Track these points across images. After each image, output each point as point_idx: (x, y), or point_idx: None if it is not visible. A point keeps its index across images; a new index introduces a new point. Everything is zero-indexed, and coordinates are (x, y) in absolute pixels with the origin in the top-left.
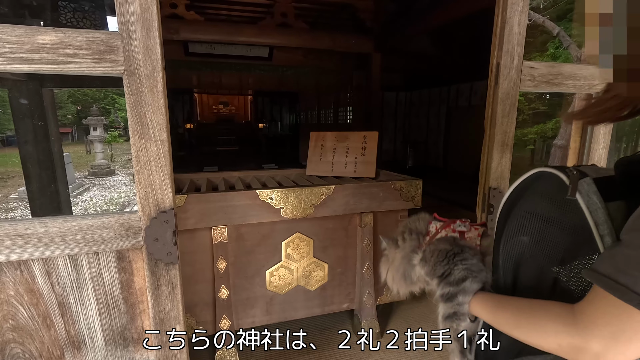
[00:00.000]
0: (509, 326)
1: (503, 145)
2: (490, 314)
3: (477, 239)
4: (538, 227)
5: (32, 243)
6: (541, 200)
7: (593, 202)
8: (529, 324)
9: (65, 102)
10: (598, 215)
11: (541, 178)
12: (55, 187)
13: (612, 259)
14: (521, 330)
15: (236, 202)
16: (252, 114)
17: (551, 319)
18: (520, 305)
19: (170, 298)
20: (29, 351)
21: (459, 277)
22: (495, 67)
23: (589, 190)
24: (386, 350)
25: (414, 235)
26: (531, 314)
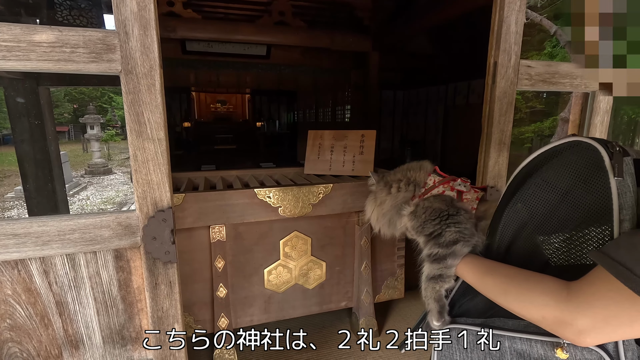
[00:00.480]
0: (494, 292)
1: (500, 143)
2: (477, 278)
3: (474, 202)
4: (552, 200)
5: (30, 242)
6: (567, 172)
7: (625, 184)
8: (517, 292)
9: (61, 100)
10: (626, 198)
11: (576, 148)
12: (52, 186)
13: (632, 247)
14: (507, 297)
15: (234, 201)
16: (250, 112)
17: (542, 291)
18: (512, 274)
19: (168, 297)
20: (27, 350)
21: (450, 240)
22: (493, 66)
23: (626, 170)
24: (385, 349)
25: (410, 187)
26: (522, 283)
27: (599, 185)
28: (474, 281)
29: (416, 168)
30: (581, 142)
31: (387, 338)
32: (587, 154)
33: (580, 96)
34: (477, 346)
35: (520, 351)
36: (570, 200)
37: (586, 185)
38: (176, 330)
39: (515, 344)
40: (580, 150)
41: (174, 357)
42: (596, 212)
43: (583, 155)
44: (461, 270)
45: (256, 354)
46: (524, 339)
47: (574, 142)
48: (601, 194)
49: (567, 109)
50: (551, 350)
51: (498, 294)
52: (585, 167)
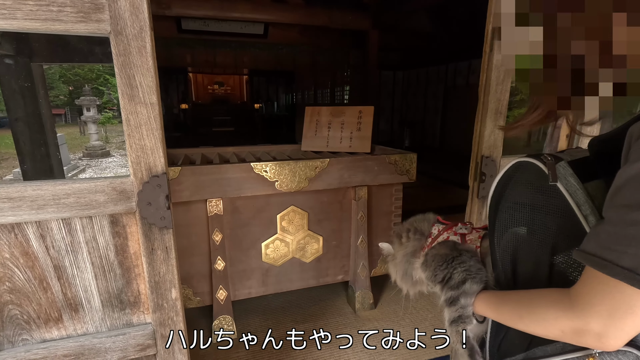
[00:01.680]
0: (513, 320)
1: (497, 113)
2: (495, 311)
3: (477, 240)
4: (527, 215)
5: (25, 206)
6: (525, 189)
7: (571, 185)
8: (529, 314)
9: (56, 81)
10: (578, 196)
11: (521, 168)
12: (50, 168)
13: (596, 237)
14: (524, 321)
15: (231, 175)
16: (247, 94)
17: (549, 305)
18: (519, 298)
19: (165, 262)
20: (27, 313)
21: (459, 280)
22: (491, 33)
23: (565, 173)
24: (380, 320)
25: (417, 235)
26: (530, 303)
27: (554, 191)
28: (494, 315)
29: (421, 219)
30: (522, 162)
31: (382, 311)
32: (531, 169)
33: None
34: None
35: None
36: (541, 210)
37: (545, 194)
38: (173, 295)
39: None
40: (525, 169)
41: (171, 321)
42: (565, 213)
43: (529, 172)
44: (480, 309)
45: (254, 324)
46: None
47: (517, 164)
48: (559, 198)
49: None
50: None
51: (516, 321)
52: (536, 181)
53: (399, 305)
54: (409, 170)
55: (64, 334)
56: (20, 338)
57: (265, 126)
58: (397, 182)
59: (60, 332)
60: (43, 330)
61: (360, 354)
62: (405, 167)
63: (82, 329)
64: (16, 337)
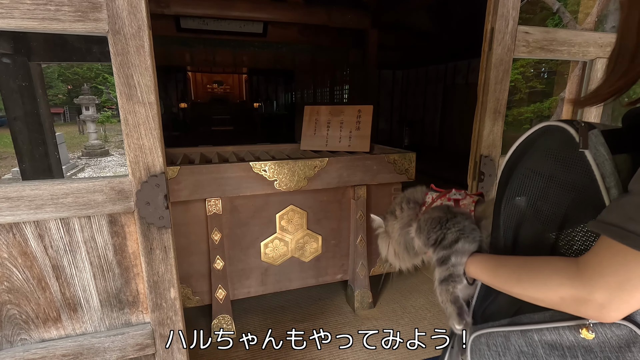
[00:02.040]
0: (509, 283)
1: (495, 112)
2: (490, 274)
3: (471, 205)
4: (540, 185)
5: (23, 206)
6: (545, 157)
7: (600, 154)
8: (530, 278)
9: (55, 80)
10: (605, 167)
11: (547, 133)
12: (49, 167)
13: (620, 208)
14: (522, 285)
15: (230, 174)
16: (247, 93)
17: (554, 272)
18: (521, 262)
19: (163, 262)
20: (26, 312)
21: (452, 239)
22: (490, 32)
23: (596, 142)
24: (379, 318)
25: (411, 205)
26: (533, 268)
27: (578, 162)
28: (488, 278)
29: (412, 190)
30: (550, 126)
31: (381, 310)
32: (558, 135)
33: (577, 75)
34: (508, 348)
35: (550, 342)
36: (557, 182)
37: (566, 164)
38: (172, 294)
39: (545, 336)
40: (551, 134)
41: (170, 320)
42: (583, 187)
43: (555, 138)
44: (472, 270)
45: (253, 324)
46: (552, 329)
47: (544, 128)
48: (582, 169)
49: (567, 89)
50: (578, 332)
51: (513, 284)
52: (561, 148)
53: (398, 305)
54: (408, 169)
55: (63, 334)
56: (18, 338)
57: (265, 125)
58: (396, 181)
59: (59, 332)
60: (42, 330)
61: (359, 353)
62: (404, 166)
63: (81, 329)
64: (15, 336)
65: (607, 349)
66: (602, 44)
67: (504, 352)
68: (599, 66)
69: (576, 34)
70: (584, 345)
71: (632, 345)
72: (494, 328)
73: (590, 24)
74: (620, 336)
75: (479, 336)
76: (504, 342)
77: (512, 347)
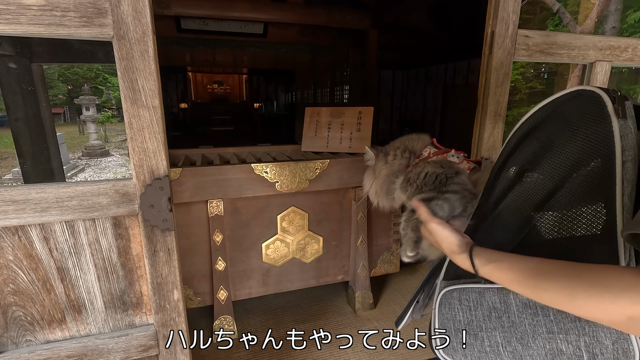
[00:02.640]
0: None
1: (496, 115)
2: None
3: (466, 172)
4: (553, 161)
5: (29, 209)
6: (563, 128)
7: (627, 127)
8: (589, 295)
9: (55, 81)
10: (628, 140)
11: (579, 97)
12: (50, 167)
13: None
14: (578, 303)
15: (231, 176)
16: (247, 93)
17: (623, 288)
18: (572, 272)
19: (167, 264)
20: (31, 314)
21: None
22: (490, 36)
23: (628, 113)
24: (380, 319)
25: (406, 154)
26: (592, 283)
27: (601, 131)
28: (524, 289)
29: (415, 138)
30: (584, 91)
31: (382, 310)
32: (589, 103)
33: (577, 75)
34: (481, 303)
35: (525, 300)
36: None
37: (587, 131)
38: (175, 296)
39: (520, 295)
40: (584, 100)
41: (173, 322)
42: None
43: (585, 106)
44: (496, 276)
45: (255, 324)
46: None
47: (577, 92)
48: (603, 138)
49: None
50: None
51: (564, 302)
52: (588, 116)
53: (399, 305)
54: None
55: (67, 335)
56: (24, 339)
57: (265, 125)
58: None
59: (64, 333)
60: (47, 332)
61: (360, 353)
62: None
63: (85, 330)
64: (20, 338)
65: None
66: (601, 47)
67: (476, 307)
68: (599, 69)
69: (576, 38)
70: None
71: None
72: (468, 284)
73: (590, 24)
74: None
75: (451, 291)
76: (477, 298)
77: (485, 303)
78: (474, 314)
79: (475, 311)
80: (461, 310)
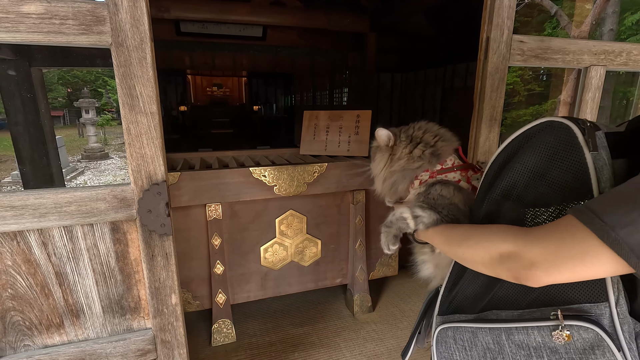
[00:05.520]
0: (457, 240)
1: (491, 119)
2: (444, 232)
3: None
4: (531, 184)
5: (27, 214)
6: (542, 153)
7: (601, 158)
8: (480, 235)
9: (55, 84)
10: (603, 172)
11: (548, 128)
12: (49, 170)
13: (601, 195)
14: (469, 241)
15: (229, 180)
16: (246, 96)
17: (503, 231)
18: (479, 225)
19: (165, 268)
20: (29, 319)
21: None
22: (485, 41)
23: (599, 144)
24: (378, 322)
25: (434, 159)
26: (487, 228)
27: (575, 162)
28: (439, 236)
29: (448, 138)
30: (553, 122)
31: (380, 314)
32: (560, 133)
33: (573, 78)
34: (475, 344)
35: (518, 342)
36: (549, 180)
37: (563, 163)
38: (173, 300)
39: (513, 336)
40: (553, 130)
41: (171, 326)
42: (575, 189)
43: (557, 135)
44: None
45: (253, 328)
46: (520, 328)
47: (547, 123)
48: (578, 171)
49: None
50: (548, 336)
51: (461, 241)
52: (560, 146)
53: (397, 308)
54: None
55: (66, 340)
56: (22, 344)
57: (264, 128)
58: None
59: (62, 338)
60: (45, 336)
61: (358, 357)
62: None
63: (83, 335)
64: (18, 343)
65: (572, 351)
66: (596, 52)
67: (471, 347)
68: (593, 73)
69: (570, 42)
70: (550, 346)
71: (595, 349)
72: (462, 323)
73: (587, 27)
74: (586, 339)
75: (446, 329)
76: (471, 338)
77: (479, 343)
78: (470, 354)
79: (471, 351)
80: (457, 350)
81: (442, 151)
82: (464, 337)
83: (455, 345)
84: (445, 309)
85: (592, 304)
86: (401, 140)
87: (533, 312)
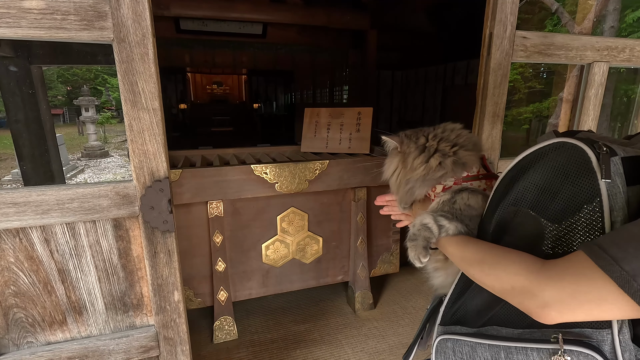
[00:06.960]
0: (472, 260)
1: (494, 116)
2: (460, 246)
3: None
4: (541, 200)
5: (30, 211)
6: (554, 174)
7: (615, 186)
8: (494, 261)
9: (54, 82)
10: (617, 200)
11: (561, 149)
12: (50, 168)
13: (613, 232)
14: (483, 266)
15: (231, 177)
16: (246, 93)
17: (518, 262)
18: (494, 246)
19: (167, 265)
20: (32, 316)
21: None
22: (488, 37)
23: (615, 170)
24: (380, 319)
25: (458, 168)
26: (500, 255)
27: (588, 188)
28: (455, 250)
29: (469, 153)
30: (566, 143)
31: (382, 311)
32: (573, 154)
33: (576, 75)
34: (474, 358)
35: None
36: (560, 200)
37: (574, 186)
38: (175, 297)
39: (512, 355)
40: (565, 151)
41: (174, 323)
42: (587, 214)
43: (569, 156)
44: (445, 242)
45: (255, 325)
46: (520, 349)
47: (559, 144)
48: (590, 197)
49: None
50: (547, 359)
51: (474, 262)
52: (573, 168)
53: (399, 305)
54: None
55: (68, 337)
56: (25, 341)
57: (264, 126)
58: None
59: (65, 335)
60: (47, 333)
61: (360, 354)
62: None
63: (86, 332)
64: (21, 339)
65: None
66: (599, 48)
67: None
68: (596, 70)
69: (573, 39)
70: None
71: None
72: (462, 336)
73: (588, 24)
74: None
75: (445, 340)
76: (470, 352)
77: (477, 358)
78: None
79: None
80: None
81: (467, 160)
82: (462, 350)
83: (454, 357)
84: (447, 319)
85: (594, 330)
86: (411, 151)
87: (533, 332)
